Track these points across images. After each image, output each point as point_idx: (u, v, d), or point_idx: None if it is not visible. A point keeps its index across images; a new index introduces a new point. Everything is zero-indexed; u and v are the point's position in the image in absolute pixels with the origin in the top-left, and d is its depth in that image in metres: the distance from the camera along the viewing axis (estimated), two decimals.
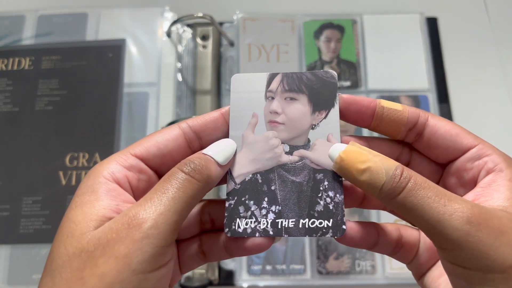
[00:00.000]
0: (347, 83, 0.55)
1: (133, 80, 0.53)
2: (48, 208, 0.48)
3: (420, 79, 0.54)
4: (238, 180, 0.25)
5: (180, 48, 0.55)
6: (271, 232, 0.24)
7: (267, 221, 0.24)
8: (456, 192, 0.23)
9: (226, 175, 0.24)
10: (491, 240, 0.18)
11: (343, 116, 0.25)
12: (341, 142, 0.24)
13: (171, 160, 0.23)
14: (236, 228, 0.24)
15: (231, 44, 0.57)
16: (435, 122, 0.23)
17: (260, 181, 0.25)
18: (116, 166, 0.22)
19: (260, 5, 0.61)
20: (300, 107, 0.26)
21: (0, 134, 0.51)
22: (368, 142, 0.25)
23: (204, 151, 0.23)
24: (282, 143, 0.25)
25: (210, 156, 0.23)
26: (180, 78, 0.54)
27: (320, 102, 0.25)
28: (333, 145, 0.23)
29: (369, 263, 0.48)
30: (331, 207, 0.24)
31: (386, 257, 0.47)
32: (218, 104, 0.54)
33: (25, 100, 0.52)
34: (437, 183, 0.24)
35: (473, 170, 0.23)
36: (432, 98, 0.54)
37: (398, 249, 0.24)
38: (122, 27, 0.55)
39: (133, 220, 0.19)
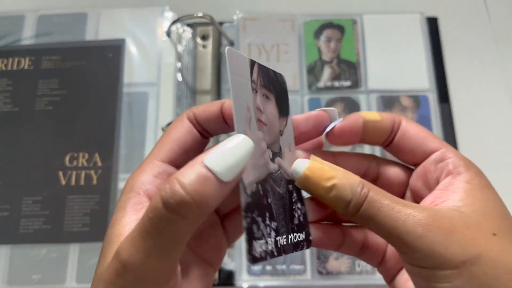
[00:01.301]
0: (347, 83, 0.55)
1: (133, 80, 0.53)
2: (48, 208, 0.48)
3: (421, 79, 0.54)
4: (249, 191, 0.19)
5: (180, 48, 0.55)
6: (275, 253, 0.20)
7: (271, 241, 0.20)
8: (422, 194, 0.24)
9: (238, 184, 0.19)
10: (442, 239, 0.19)
11: (336, 143, 0.24)
12: (299, 154, 0.23)
13: (193, 155, 0.21)
14: (255, 254, 0.19)
15: (231, 44, 0.57)
16: (405, 125, 0.24)
17: (261, 192, 0.20)
18: (146, 177, 0.21)
19: (260, 5, 0.61)
20: (273, 109, 0.22)
21: (0, 134, 0.51)
22: (335, 157, 0.24)
23: (206, 160, 0.18)
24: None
25: (211, 171, 0.17)
26: (180, 78, 0.53)
27: (283, 107, 0.23)
28: (296, 160, 0.22)
29: None
30: (301, 219, 0.22)
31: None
32: None
33: (25, 100, 0.52)
34: (407, 188, 0.25)
35: (436, 172, 0.23)
36: (432, 98, 0.54)
37: (364, 250, 0.25)
38: (122, 27, 0.55)
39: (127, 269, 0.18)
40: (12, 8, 0.58)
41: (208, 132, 0.23)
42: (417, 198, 0.25)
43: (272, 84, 0.23)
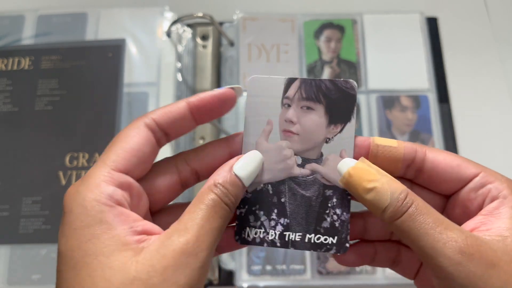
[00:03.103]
0: None
1: (133, 80, 0.53)
2: (47, 208, 0.48)
3: (420, 78, 0.54)
4: (250, 189, 0.24)
5: (180, 48, 0.55)
6: (278, 244, 0.24)
7: (275, 233, 0.24)
8: (460, 222, 0.22)
9: None
10: (482, 272, 0.18)
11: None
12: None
13: (149, 166, 0.23)
14: (246, 237, 0.24)
15: (231, 44, 0.57)
16: (434, 156, 0.23)
17: (270, 192, 0.24)
18: (109, 188, 0.21)
19: (260, 5, 0.61)
20: (316, 118, 0.24)
21: None
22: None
23: (235, 169, 0.22)
24: (295, 154, 0.24)
25: (239, 179, 0.22)
26: (180, 78, 0.53)
27: (337, 115, 0.24)
28: (343, 159, 0.23)
29: None
30: (337, 225, 0.24)
31: None
32: None
33: (24, 100, 0.52)
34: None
35: (477, 199, 0.22)
36: (432, 98, 0.54)
37: (397, 264, 0.25)
38: (121, 27, 0.55)
39: (188, 248, 0.19)
40: (12, 8, 0.58)
41: (167, 136, 0.23)
42: None
43: (322, 94, 0.25)
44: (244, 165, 0.23)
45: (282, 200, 0.24)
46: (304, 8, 0.60)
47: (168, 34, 0.55)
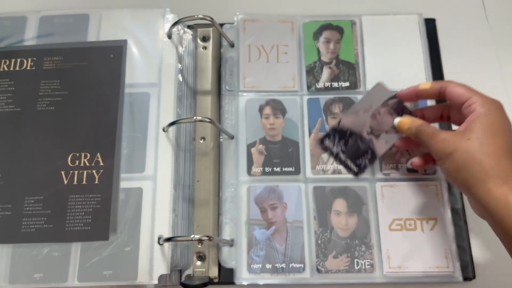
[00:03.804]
0: (346, 84, 0.55)
1: (134, 80, 0.53)
2: (49, 207, 0.48)
3: (418, 79, 0.55)
4: (339, 127, 0.48)
5: (181, 49, 0.55)
6: (333, 154, 0.47)
7: (337, 148, 0.47)
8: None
9: None
10: (442, 143, 0.39)
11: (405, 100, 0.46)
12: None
13: None
14: (325, 142, 0.47)
15: (231, 45, 0.57)
16: (450, 88, 0.42)
17: (348, 132, 0.47)
18: None
19: (260, 6, 0.61)
20: (388, 117, 0.46)
21: (2, 134, 0.52)
22: (422, 110, 0.47)
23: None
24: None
25: None
26: (180, 78, 0.54)
27: (396, 114, 0.47)
28: (396, 118, 0.45)
29: (367, 261, 0.48)
30: (369, 156, 0.46)
31: (385, 256, 0.48)
32: (218, 104, 0.55)
33: (27, 101, 0.53)
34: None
35: (468, 111, 0.40)
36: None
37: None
38: (123, 28, 0.56)
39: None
40: (14, 9, 0.59)
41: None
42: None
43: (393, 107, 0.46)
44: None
45: (347, 138, 0.46)
46: (303, 9, 0.61)
47: (169, 35, 0.55)
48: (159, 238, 0.47)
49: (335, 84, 0.55)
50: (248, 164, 0.52)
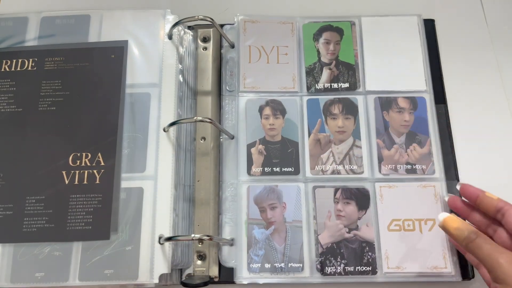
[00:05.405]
0: (346, 85, 0.55)
1: (135, 81, 0.53)
2: (51, 207, 0.49)
3: (418, 80, 0.55)
4: (324, 247, 0.48)
5: (181, 50, 0.56)
6: (342, 273, 0.47)
7: (340, 268, 0.48)
8: None
9: None
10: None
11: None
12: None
13: None
14: (323, 269, 0.48)
15: (232, 45, 0.57)
16: (510, 212, 0.39)
17: (335, 246, 0.48)
18: None
19: (261, 7, 0.62)
20: (353, 207, 0.49)
21: (3, 134, 0.52)
22: (470, 212, 0.44)
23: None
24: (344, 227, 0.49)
25: None
26: (181, 79, 0.54)
27: (361, 204, 0.50)
28: (441, 213, 0.40)
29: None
30: (370, 260, 0.48)
31: (384, 256, 0.48)
32: (219, 105, 0.55)
33: (28, 101, 0.53)
34: None
35: None
36: (429, 99, 0.54)
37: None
38: (124, 29, 0.56)
39: None
40: (15, 10, 0.59)
41: None
42: None
43: (354, 195, 0.50)
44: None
45: (342, 250, 0.48)
46: (303, 11, 0.61)
47: (170, 36, 0.55)
48: (159, 238, 0.47)
49: (335, 85, 0.55)
50: (248, 164, 0.52)
